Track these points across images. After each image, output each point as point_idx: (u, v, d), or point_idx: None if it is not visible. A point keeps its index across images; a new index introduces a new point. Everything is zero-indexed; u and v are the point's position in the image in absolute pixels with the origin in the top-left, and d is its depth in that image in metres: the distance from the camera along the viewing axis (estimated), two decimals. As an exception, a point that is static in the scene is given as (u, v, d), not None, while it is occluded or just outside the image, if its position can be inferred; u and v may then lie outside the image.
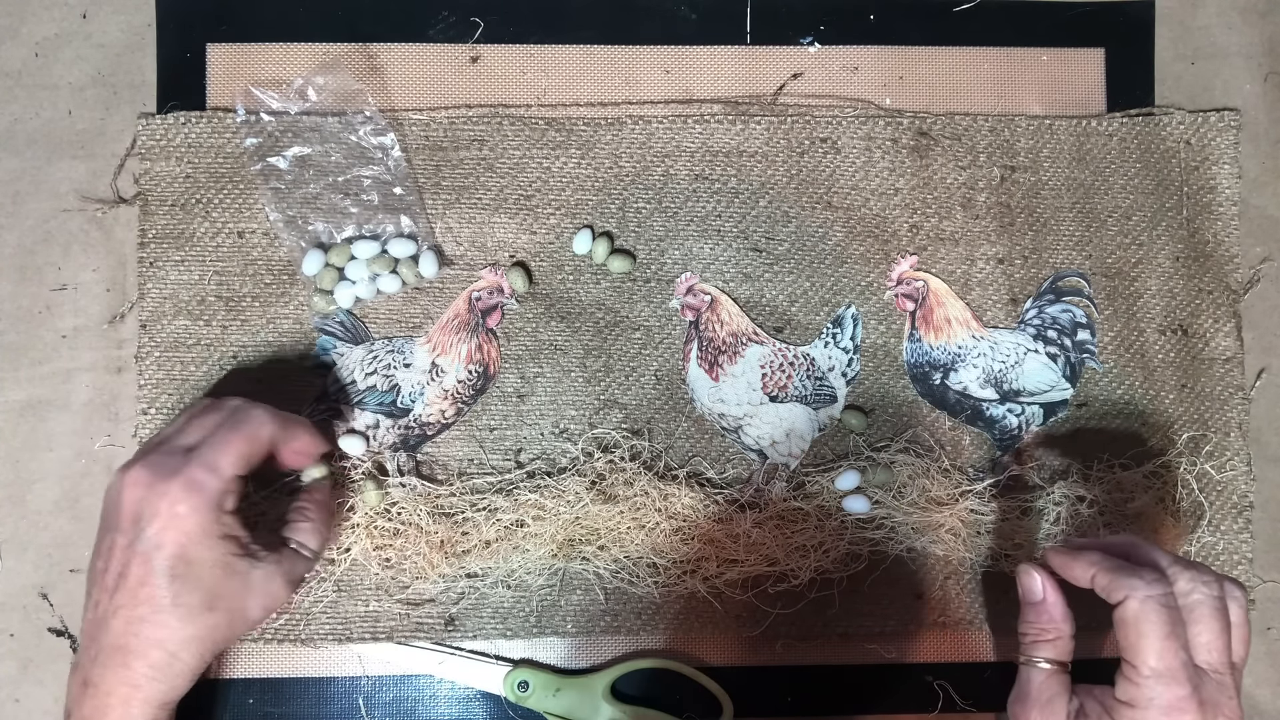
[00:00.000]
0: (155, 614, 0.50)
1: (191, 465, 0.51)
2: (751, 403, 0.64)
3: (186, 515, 0.50)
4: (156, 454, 0.52)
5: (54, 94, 0.65)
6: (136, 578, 0.50)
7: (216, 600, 0.51)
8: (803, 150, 0.65)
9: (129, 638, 0.50)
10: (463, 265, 0.64)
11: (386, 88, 0.65)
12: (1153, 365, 0.66)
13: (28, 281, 0.64)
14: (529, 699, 0.62)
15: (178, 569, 0.50)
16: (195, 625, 0.50)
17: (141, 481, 0.50)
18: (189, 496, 0.50)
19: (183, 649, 0.50)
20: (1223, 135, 0.67)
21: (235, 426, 0.53)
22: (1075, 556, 0.53)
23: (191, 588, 0.50)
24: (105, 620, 0.50)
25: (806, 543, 0.62)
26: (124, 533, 0.51)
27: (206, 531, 0.50)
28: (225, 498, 0.51)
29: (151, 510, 0.50)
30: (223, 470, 0.51)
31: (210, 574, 0.51)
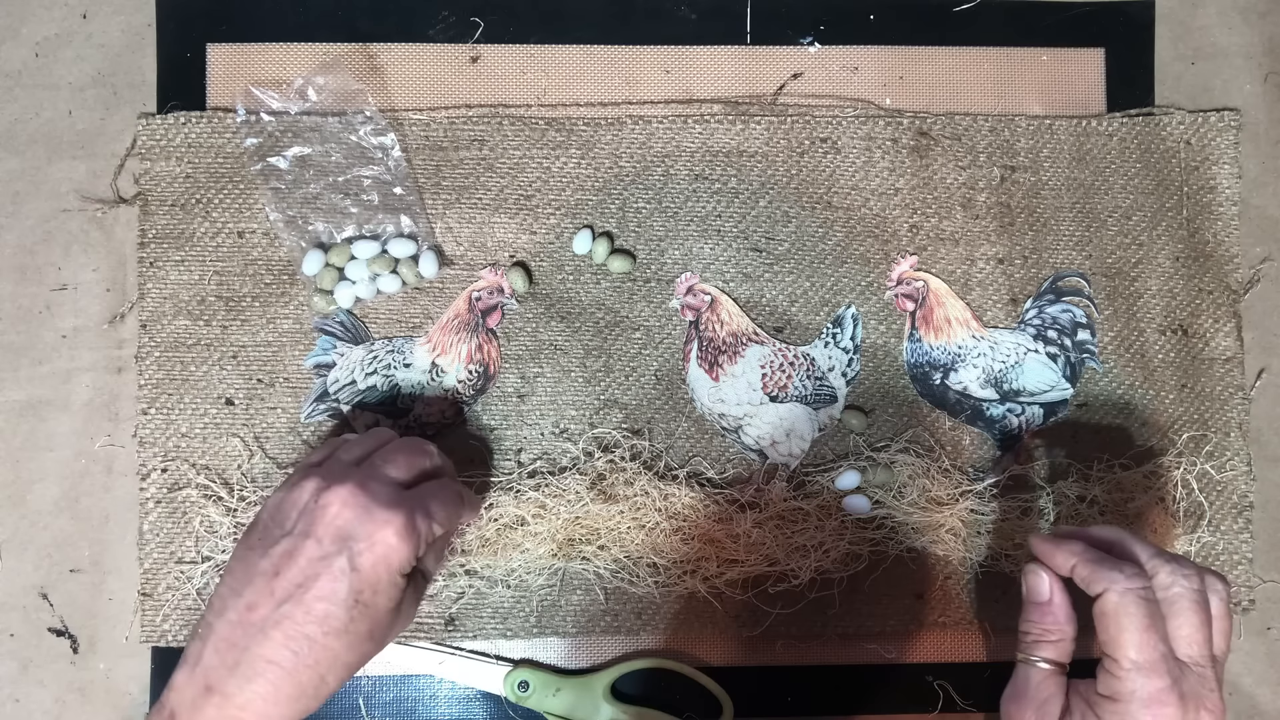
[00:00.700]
0: (325, 635, 0.48)
1: (417, 508, 0.50)
2: (751, 403, 0.64)
3: (397, 549, 0.49)
4: (369, 479, 0.50)
5: (54, 94, 0.65)
6: (319, 593, 0.48)
7: (376, 630, 0.50)
8: (803, 150, 0.65)
9: (285, 653, 0.47)
10: (463, 265, 0.64)
11: (386, 88, 0.65)
12: (1153, 365, 0.66)
13: (28, 281, 0.64)
14: (529, 699, 0.62)
15: (364, 596, 0.48)
16: (354, 653, 0.49)
17: (359, 502, 0.49)
18: (406, 535, 0.49)
19: (332, 673, 0.48)
20: (1223, 135, 0.67)
21: (452, 490, 0.53)
22: (1058, 545, 0.53)
23: (365, 616, 0.49)
24: (263, 629, 0.47)
25: (806, 543, 0.62)
26: (321, 544, 0.48)
27: (401, 570, 0.49)
28: (423, 546, 0.51)
29: (365, 533, 0.48)
30: (435, 524, 0.51)
31: (383, 607, 0.49)
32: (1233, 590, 0.65)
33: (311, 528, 0.49)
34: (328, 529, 0.49)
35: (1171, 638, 0.50)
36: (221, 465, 0.63)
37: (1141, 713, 0.48)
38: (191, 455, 0.63)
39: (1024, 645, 0.55)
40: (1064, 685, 0.53)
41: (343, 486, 0.49)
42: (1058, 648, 0.54)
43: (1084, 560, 0.52)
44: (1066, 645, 0.54)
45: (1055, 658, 0.54)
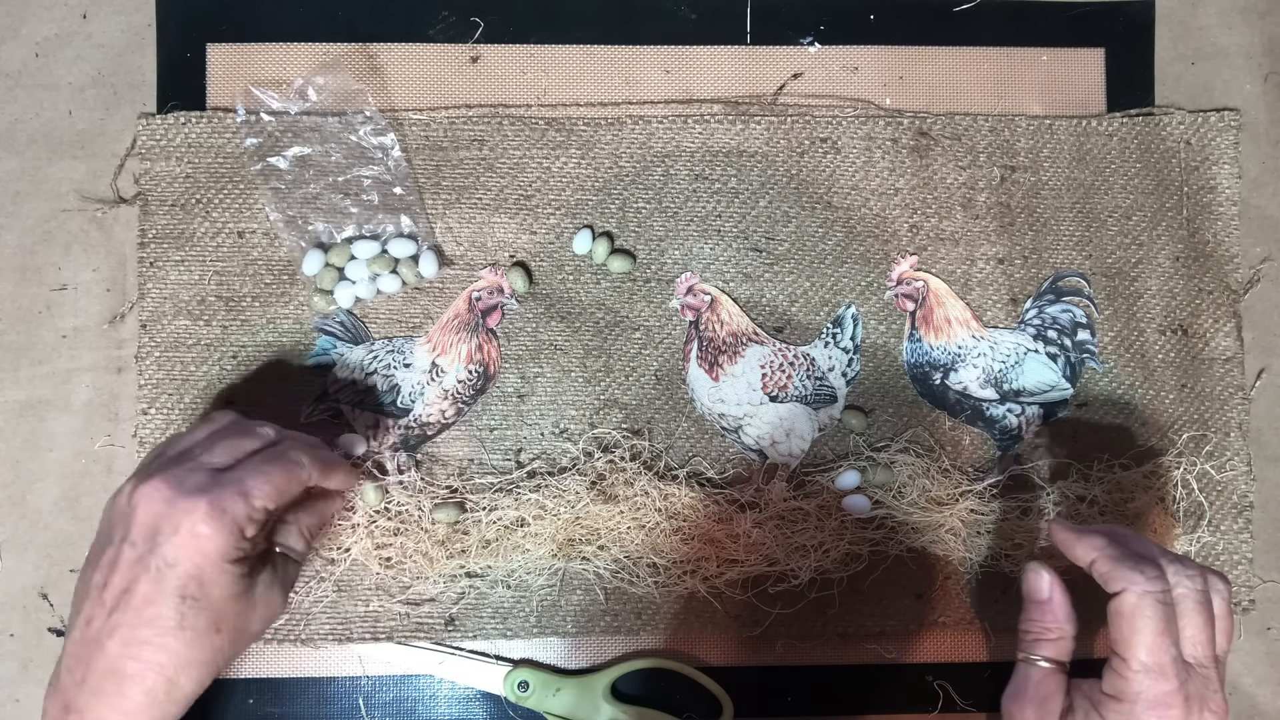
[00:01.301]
0: (159, 636, 0.47)
1: (224, 487, 0.48)
2: (751, 403, 0.64)
3: (209, 536, 0.47)
4: (179, 469, 0.49)
5: (54, 94, 0.65)
6: (143, 595, 0.47)
7: (222, 621, 0.49)
8: (803, 150, 0.65)
9: (126, 660, 0.47)
10: (463, 265, 0.64)
11: (386, 88, 0.65)
12: (1153, 365, 0.66)
13: (28, 281, 0.64)
14: (529, 699, 0.62)
15: (189, 589, 0.47)
16: (199, 649, 0.48)
17: (162, 495, 0.48)
18: (215, 518, 0.47)
19: (183, 674, 0.47)
20: (1223, 135, 0.67)
21: (276, 460, 0.51)
22: (1080, 537, 0.53)
23: (200, 609, 0.48)
24: (99, 640, 0.47)
25: (806, 543, 0.62)
26: (134, 546, 0.47)
27: (224, 555, 0.48)
28: (249, 525, 0.49)
29: (171, 526, 0.47)
30: (254, 500, 0.49)
31: (219, 596, 0.48)
32: (1233, 590, 0.65)
33: (127, 531, 0.48)
34: (139, 529, 0.48)
35: (1182, 638, 0.50)
36: (221, 465, 0.63)
37: (1147, 714, 0.48)
38: (191, 455, 0.63)
39: (1024, 644, 0.55)
40: (1064, 683, 0.53)
41: (149, 482, 0.48)
42: (1057, 646, 0.54)
43: (1105, 556, 0.51)
44: (1066, 644, 0.54)
45: (1055, 656, 0.54)
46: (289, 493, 0.51)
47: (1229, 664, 0.66)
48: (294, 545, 0.55)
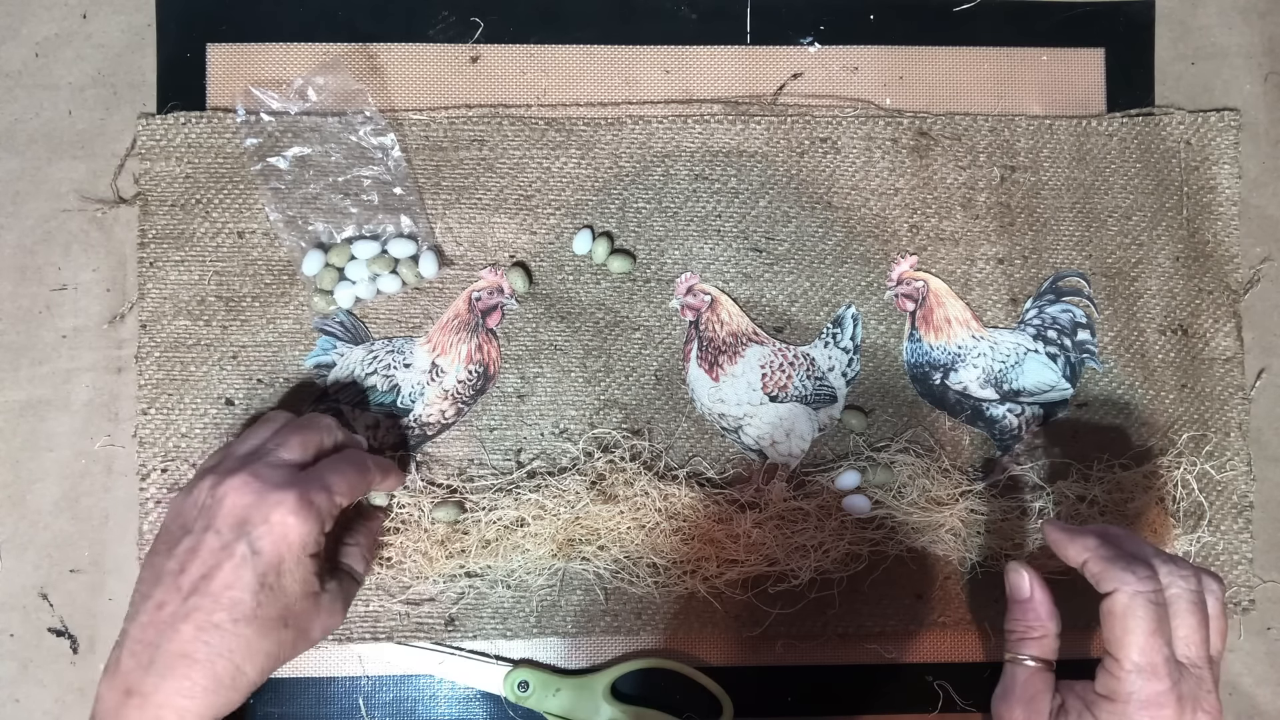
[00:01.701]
0: (235, 623, 0.48)
1: (310, 482, 0.51)
2: (751, 403, 0.64)
3: (295, 527, 0.50)
4: (260, 464, 0.51)
5: (54, 94, 0.65)
6: (224, 581, 0.49)
7: (290, 617, 0.51)
8: (803, 150, 0.65)
9: (199, 645, 0.48)
10: (463, 265, 0.64)
11: (386, 88, 0.65)
12: (1153, 365, 0.66)
13: (28, 281, 0.64)
14: (529, 699, 0.62)
15: (269, 578, 0.49)
16: (268, 639, 0.49)
17: (251, 489, 0.50)
18: (304, 509, 0.50)
19: (248, 662, 0.49)
20: (1223, 135, 0.67)
21: (351, 460, 0.54)
22: (1073, 537, 0.53)
23: (274, 600, 0.50)
24: (173, 623, 0.48)
25: (806, 543, 0.62)
26: (219, 534, 0.49)
27: (305, 547, 0.50)
28: (328, 520, 0.52)
29: (261, 516, 0.49)
30: (336, 496, 0.51)
31: (292, 590, 0.50)
32: (1232, 590, 0.65)
33: (211, 521, 0.50)
34: (225, 519, 0.50)
35: (1174, 638, 0.50)
36: (221, 465, 0.63)
37: (1139, 714, 0.48)
38: (191, 455, 0.63)
39: (1009, 643, 0.55)
40: (1051, 682, 0.53)
41: (235, 476, 0.50)
42: (1041, 644, 0.54)
43: (1097, 556, 0.51)
44: (1050, 642, 0.54)
45: (1040, 654, 0.54)
46: (361, 491, 0.54)
47: (1229, 664, 0.66)
48: (355, 566, 0.58)
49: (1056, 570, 0.58)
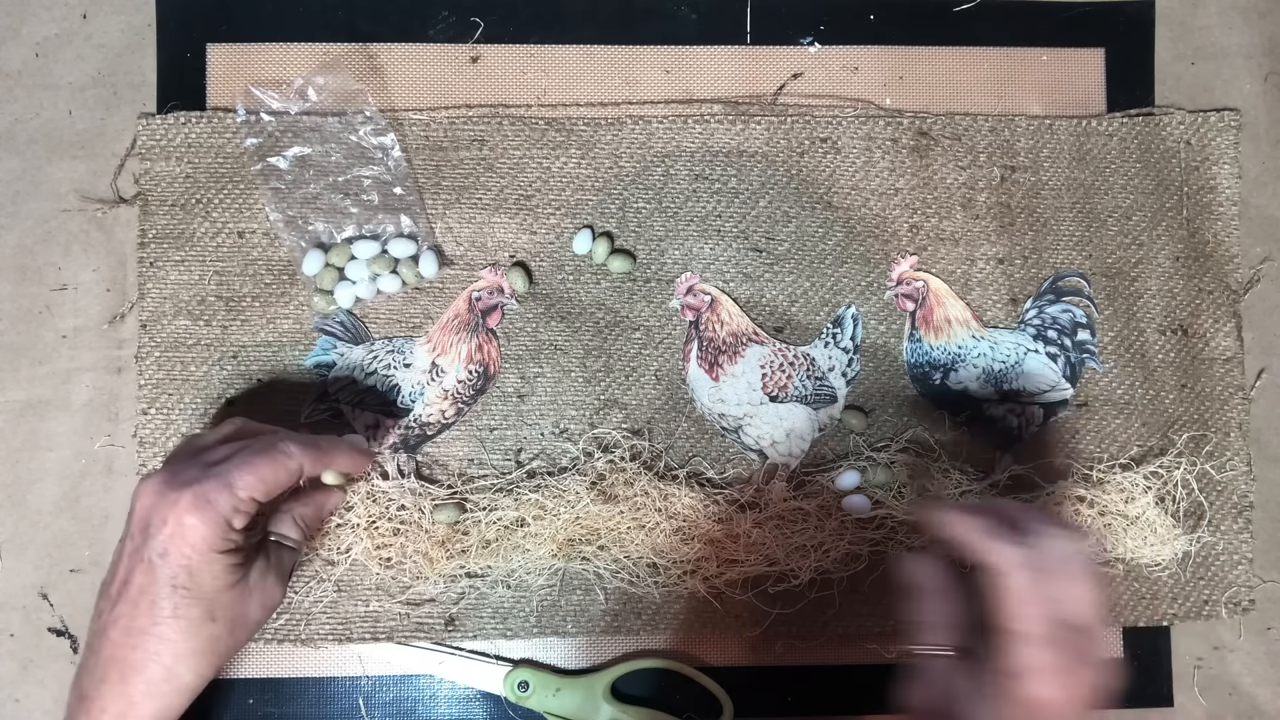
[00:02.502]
0: (154, 625, 0.49)
1: (208, 479, 0.50)
2: (751, 403, 0.64)
3: (194, 527, 0.49)
4: (176, 464, 0.51)
5: (54, 94, 0.65)
6: (138, 586, 0.49)
7: (217, 610, 0.50)
8: (803, 150, 0.65)
9: (127, 650, 0.49)
10: (463, 265, 0.64)
11: (386, 88, 0.65)
12: (1153, 365, 0.66)
13: (28, 281, 0.64)
14: (529, 699, 0.62)
15: (180, 579, 0.49)
16: (196, 638, 0.50)
17: (154, 489, 0.50)
18: (198, 509, 0.49)
19: (180, 663, 0.49)
20: (1223, 135, 0.67)
21: (262, 451, 0.52)
22: (946, 514, 0.52)
23: (193, 599, 0.49)
24: (105, 630, 0.49)
25: (806, 543, 0.62)
26: (132, 539, 0.50)
27: (212, 545, 0.49)
28: (235, 516, 0.50)
29: (160, 518, 0.49)
30: (238, 489, 0.50)
31: (211, 585, 0.50)
32: (1232, 591, 0.65)
33: (128, 526, 0.50)
34: (135, 523, 0.50)
35: (1057, 602, 0.49)
36: (221, 465, 0.63)
37: (1030, 680, 0.48)
38: (191, 455, 0.63)
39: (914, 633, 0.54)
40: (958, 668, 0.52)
41: (145, 481, 0.50)
42: (946, 632, 0.53)
43: (971, 530, 0.51)
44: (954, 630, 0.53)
45: (944, 641, 0.53)
46: (277, 483, 0.52)
47: (1230, 663, 0.66)
48: (288, 534, 0.57)
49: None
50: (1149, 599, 0.65)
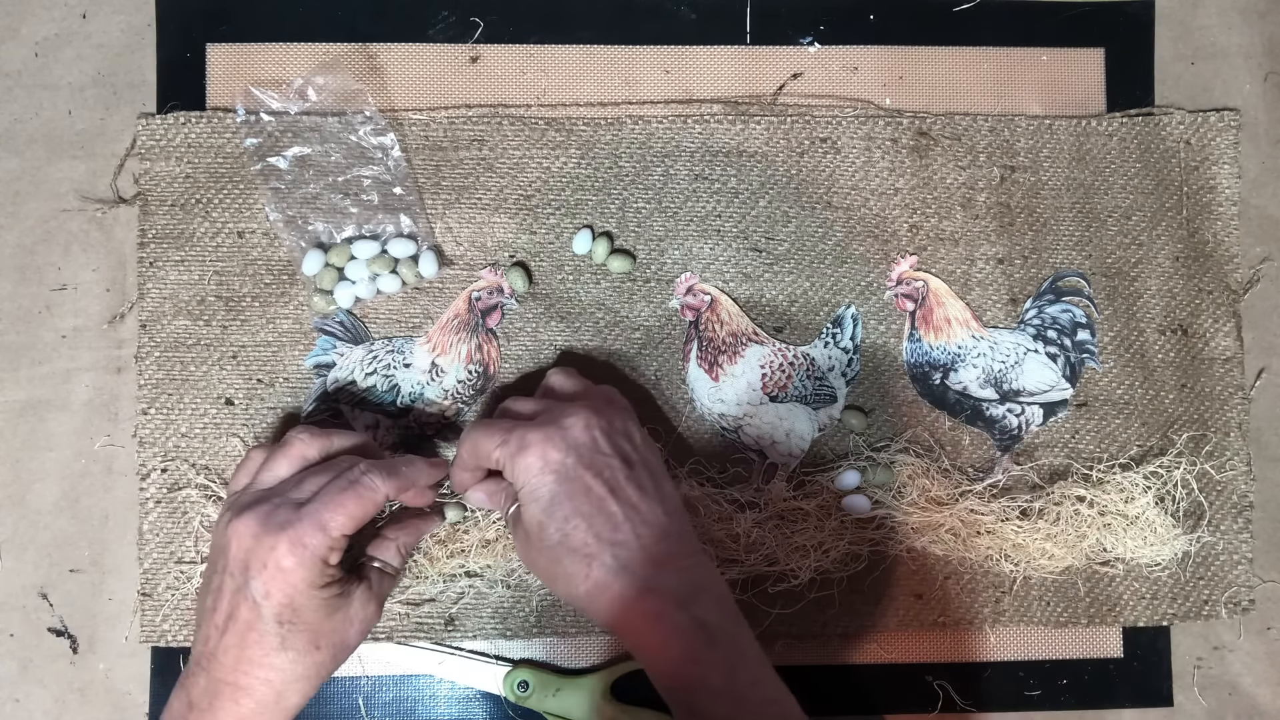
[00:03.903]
0: (265, 656, 0.51)
1: (302, 522, 0.51)
2: (751, 403, 0.64)
3: (292, 569, 0.50)
4: (268, 504, 0.52)
5: (54, 94, 0.65)
6: (245, 622, 0.51)
7: (321, 639, 0.52)
8: (803, 150, 0.65)
9: (240, 675, 0.51)
10: (463, 265, 0.64)
11: (386, 88, 0.65)
12: (1153, 365, 0.66)
13: (28, 281, 0.64)
14: (529, 699, 0.62)
15: (284, 615, 0.51)
16: (303, 665, 0.51)
17: (250, 532, 0.51)
18: (295, 552, 0.50)
19: (289, 688, 0.51)
20: (1223, 135, 0.67)
21: (348, 487, 0.53)
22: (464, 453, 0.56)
23: (299, 631, 0.51)
24: (215, 655, 0.51)
25: (806, 543, 0.62)
26: (233, 577, 0.51)
27: (311, 584, 0.51)
28: (331, 554, 0.52)
29: (259, 562, 0.50)
30: (331, 530, 0.51)
31: (315, 618, 0.52)
32: (1232, 591, 0.65)
33: (226, 563, 0.52)
34: (234, 562, 0.51)
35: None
36: (221, 465, 0.63)
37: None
38: (191, 455, 0.63)
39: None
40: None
41: (239, 519, 0.52)
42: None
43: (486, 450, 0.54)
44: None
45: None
46: (365, 517, 0.53)
47: (1230, 664, 0.66)
48: (389, 560, 0.58)
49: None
50: (1149, 599, 0.65)
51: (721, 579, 0.53)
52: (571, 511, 0.51)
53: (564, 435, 0.52)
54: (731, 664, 0.50)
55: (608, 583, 0.50)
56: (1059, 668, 0.65)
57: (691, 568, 0.52)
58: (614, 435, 0.54)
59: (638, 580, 0.50)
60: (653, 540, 0.51)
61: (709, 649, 0.49)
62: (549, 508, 0.51)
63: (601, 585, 0.50)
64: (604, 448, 0.53)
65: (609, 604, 0.50)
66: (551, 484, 0.51)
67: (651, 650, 0.50)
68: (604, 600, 0.50)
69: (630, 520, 0.51)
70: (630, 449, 0.54)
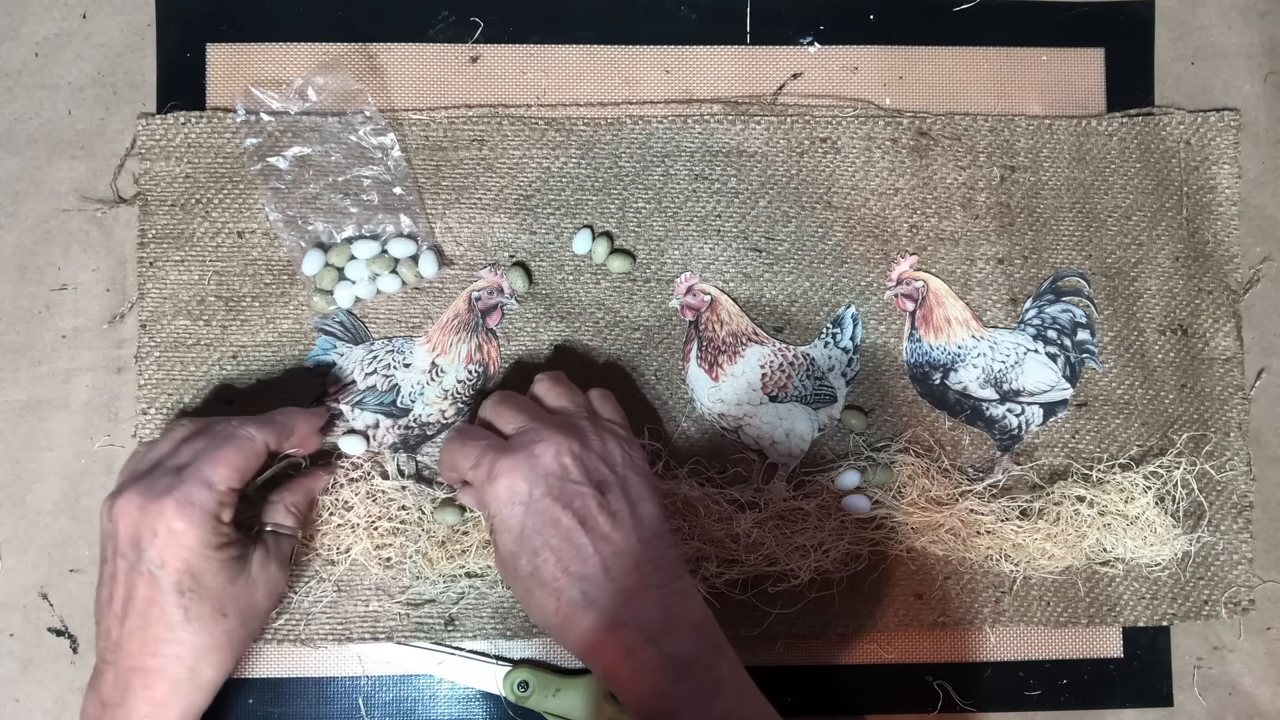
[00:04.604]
0: (169, 631, 0.50)
1: (185, 482, 0.51)
2: (751, 403, 0.64)
3: (184, 531, 0.50)
4: (147, 478, 0.52)
5: (54, 94, 0.65)
6: (144, 599, 0.50)
7: (226, 605, 0.52)
8: (803, 150, 0.65)
9: (147, 658, 0.50)
10: (463, 265, 0.64)
11: (386, 88, 0.65)
12: (1153, 365, 0.66)
13: (28, 281, 0.64)
14: (529, 699, 0.62)
15: (184, 583, 0.50)
16: (211, 635, 0.51)
17: (134, 504, 0.50)
18: (184, 512, 0.50)
19: (201, 661, 0.51)
20: (1223, 135, 0.67)
21: (226, 441, 0.53)
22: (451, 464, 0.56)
23: (201, 599, 0.51)
24: (120, 645, 0.50)
25: (806, 543, 0.62)
26: (124, 557, 0.51)
27: (206, 544, 0.51)
28: (221, 510, 0.51)
29: (149, 530, 0.50)
30: (216, 484, 0.51)
31: (215, 582, 0.51)
32: (1232, 591, 0.65)
33: (116, 545, 0.51)
34: (124, 541, 0.51)
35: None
36: (221, 465, 0.63)
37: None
38: (191, 455, 0.63)
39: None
40: None
41: (120, 498, 0.51)
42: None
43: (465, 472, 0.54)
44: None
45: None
46: (248, 467, 0.53)
47: (1230, 664, 0.66)
48: (283, 522, 0.57)
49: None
50: (1149, 599, 0.65)
51: (701, 603, 0.52)
52: (541, 545, 0.50)
53: (533, 464, 0.51)
54: (705, 697, 0.49)
55: (576, 618, 0.50)
56: (1059, 668, 0.66)
57: (666, 597, 0.51)
58: (588, 459, 0.52)
59: (606, 615, 0.49)
60: (623, 572, 0.50)
61: (678, 683, 0.49)
62: (519, 538, 0.51)
63: (570, 619, 0.50)
64: (575, 475, 0.52)
65: (578, 638, 0.50)
66: (520, 515, 0.51)
67: (621, 684, 0.50)
68: (573, 634, 0.50)
69: (600, 552, 0.50)
70: (606, 471, 0.53)
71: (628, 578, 0.50)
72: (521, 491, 0.51)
